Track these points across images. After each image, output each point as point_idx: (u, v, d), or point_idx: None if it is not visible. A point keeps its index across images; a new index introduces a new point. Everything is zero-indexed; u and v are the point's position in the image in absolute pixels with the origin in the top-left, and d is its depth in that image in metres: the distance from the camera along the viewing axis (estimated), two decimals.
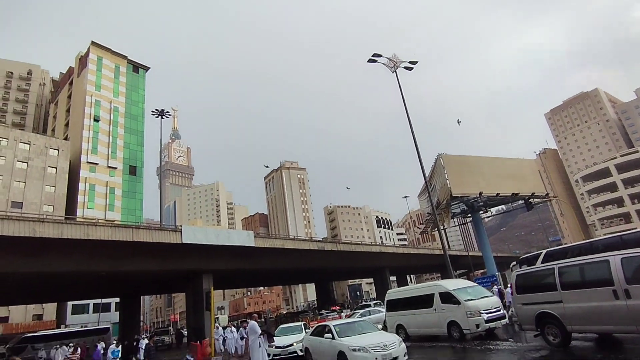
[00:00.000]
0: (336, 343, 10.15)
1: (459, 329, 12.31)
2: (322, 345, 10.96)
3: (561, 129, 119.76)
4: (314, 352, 11.62)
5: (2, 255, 19.81)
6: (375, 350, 9.26)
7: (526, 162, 49.80)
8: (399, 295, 16.00)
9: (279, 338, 15.22)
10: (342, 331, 10.61)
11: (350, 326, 11.21)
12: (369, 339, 9.98)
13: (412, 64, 23.28)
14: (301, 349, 14.39)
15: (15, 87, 72.57)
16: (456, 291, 12.97)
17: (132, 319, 38.68)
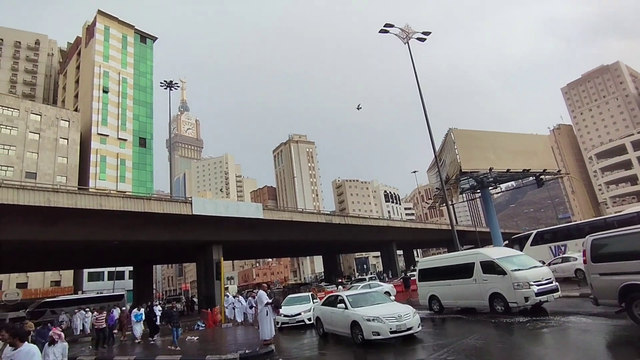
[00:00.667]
0: (349, 313, 10.04)
1: (504, 301, 11.30)
2: (334, 315, 10.86)
3: (577, 104, 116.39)
4: (325, 322, 11.53)
5: (19, 223, 20.39)
6: (390, 320, 9.18)
7: (539, 137, 48.81)
8: (433, 263, 15.12)
9: (287, 307, 15.48)
10: (355, 302, 10.52)
11: (363, 297, 11.10)
12: (382, 309, 9.90)
13: (425, 34, 22.52)
14: (309, 318, 14.58)
15: (23, 57, 72.27)
16: (501, 260, 11.93)
17: (145, 286, 40.05)
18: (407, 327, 9.22)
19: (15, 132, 47.71)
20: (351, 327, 9.79)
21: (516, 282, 11.07)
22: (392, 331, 9.08)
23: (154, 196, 30.95)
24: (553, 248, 23.92)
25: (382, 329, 9.07)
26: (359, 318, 9.55)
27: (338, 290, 28.85)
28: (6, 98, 50.02)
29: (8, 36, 71.51)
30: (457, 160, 41.02)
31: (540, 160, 44.91)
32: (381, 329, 9.07)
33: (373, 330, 9.09)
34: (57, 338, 6.51)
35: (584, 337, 8.02)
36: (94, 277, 52.42)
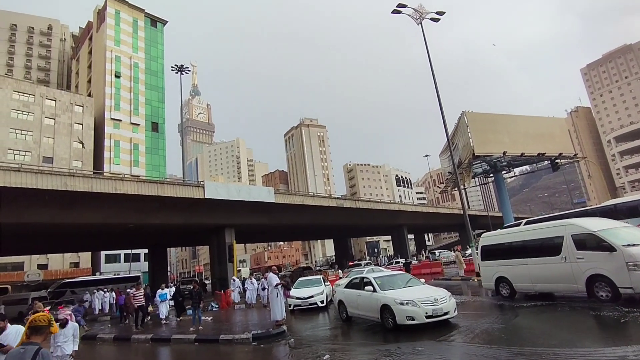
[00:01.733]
0: (379, 296, 9.31)
1: (610, 286, 8.79)
2: (360, 298, 10.16)
3: (597, 86, 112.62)
4: (350, 306, 10.82)
5: (38, 206, 20.96)
6: (425, 304, 8.51)
7: (555, 120, 47.71)
8: (502, 238, 12.57)
9: (298, 290, 15.54)
10: (383, 284, 9.77)
11: (392, 279, 10.37)
12: (416, 292, 9.19)
13: (439, 14, 21.91)
14: (322, 301, 14.85)
15: (37, 42, 72.88)
16: (605, 233, 9.29)
17: (160, 268, 41.04)
18: (443, 312, 8.59)
19: (32, 117, 48.58)
20: (381, 312, 9.13)
21: (632, 261, 8.40)
22: (427, 316, 8.42)
23: (167, 180, 31.38)
24: None
25: (417, 313, 8.41)
26: (390, 301, 8.84)
27: (338, 275, 28.88)
28: (22, 84, 50.77)
29: (22, 21, 72.06)
30: (470, 143, 40.47)
31: (556, 143, 44.00)
32: (416, 313, 8.42)
33: (407, 315, 8.45)
34: (68, 319, 6.51)
35: None
36: (111, 259, 53.93)
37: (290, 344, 9.17)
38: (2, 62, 68.60)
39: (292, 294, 14.86)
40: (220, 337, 10.75)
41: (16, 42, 70.80)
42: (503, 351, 6.18)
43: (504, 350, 6.24)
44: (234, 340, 10.35)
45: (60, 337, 6.26)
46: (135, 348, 11.97)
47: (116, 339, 13.46)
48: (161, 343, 11.94)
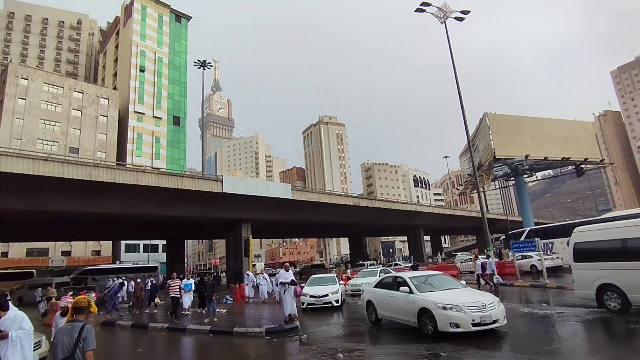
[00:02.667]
0: (416, 298, 8.43)
1: None
2: (393, 299, 9.29)
3: (628, 89, 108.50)
4: (380, 307, 9.94)
5: (63, 195, 21.73)
6: (472, 310, 7.60)
7: (581, 124, 46.27)
8: (609, 234, 9.65)
9: (312, 288, 15.15)
10: (420, 285, 8.94)
11: (429, 280, 9.49)
12: (459, 295, 8.30)
13: (463, 13, 21.52)
14: (337, 300, 14.29)
15: (67, 36, 75.28)
16: None
17: (177, 259, 41.91)
18: (492, 320, 7.69)
19: (60, 109, 50.26)
20: (418, 316, 8.26)
21: None
22: (475, 323, 7.53)
23: (187, 174, 31.99)
24: (543, 245, 23.83)
25: (463, 320, 7.53)
26: (430, 305, 7.98)
27: (346, 273, 28.36)
28: (52, 76, 52.57)
29: (53, 16, 74.56)
30: (491, 145, 39.74)
31: (581, 148, 42.75)
32: (462, 320, 7.53)
33: (451, 321, 7.57)
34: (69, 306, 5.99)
35: None
36: (131, 249, 55.39)
37: (303, 339, 9.22)
38: (33, 54, 71.20)
39: (305, 292, 14.49)
40: (234, 329, 10.92)
41: (47, 35, 73.34)
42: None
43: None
44: (247, 334, 10.50)
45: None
46: (152, 336, 12.29)
47: (134, 326, 13.86)
48: (177, 332, 12.22)
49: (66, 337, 3.62)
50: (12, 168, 18.61)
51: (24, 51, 70.62)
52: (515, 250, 19.54)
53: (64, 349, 3.58)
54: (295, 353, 8.38)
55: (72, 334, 3.62)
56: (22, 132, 46.50)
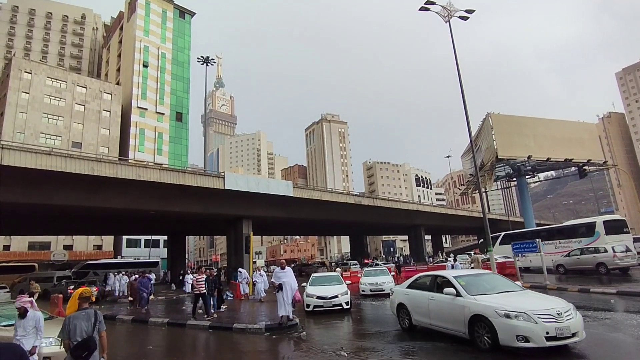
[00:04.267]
0: (467, 303, 6.95)
1: None
2: (434, 303, 7.84)
3: (632, 91, 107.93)
4: (416, 312, 8.46)
5: (65, 189, 21.78)
6: (545, 320, 6.01)
7: (585, 125, 46.12)
8: None
9: (317, 288, 13.64)
10: (470, 286, 7.42)
11: (480, 280, 7.96)
12: (525, 300, 6.82)
13: (468, 12, 21.40)
14: (347, 302, 12.88)
15: (70, 31, 75.31)
16: None
17: (178, 255, 42.03)
18: (570, 332, 6.06)
19: (63, 103, 50.38)
20: (469, 324, 6.81)
21: None
22: (549, 337, 5.90)
23: (189, 170, 31.98)
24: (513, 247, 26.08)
25: (534, 332, 5.89)
26: (487, 312, 6.47)
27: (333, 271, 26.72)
28: (55, 71, 52.66)
29: (57, 10, 74.59)
30: (494, 146, 39.66)
31: (584, 149, 42.61)
32: (532, 332, 5.90)
33: (518, 334, 5.98)
34: (28, 307, 5.36)
35: None
36: (132, 244, 55.57)
37: (302, 336, 9.24)
38: (37, 49, 71.29)
39: (310, 292, 13.25)
40: (234, 325, 10.95)
41: (51, 30, 73.40)
42: None
43: None
44: (246, 330, 10.53)
45: (19, 330, 5.26)
46: (152, 330, 12.33)
47: (134, 320, 13.92)
48: (176, 327, 12.27)
49: (84, 322, 4.37)
50: (15, 162, 18.66)
51: (27, 45, 70.71)
52: (516, 250, 19.52)
53: (83, 332, 4.31)
54: (293, 349, 8.40)
55: (89, 319, 4.42)
56: (25, 126, 46.63)
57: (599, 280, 17.55)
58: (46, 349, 6.21)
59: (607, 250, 19.64)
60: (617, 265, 19.06)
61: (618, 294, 12.82)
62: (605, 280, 17.13)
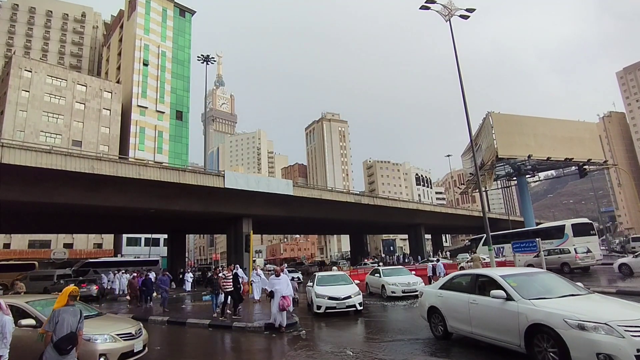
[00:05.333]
0: (523, 308, 5.59)
1: None
2: (477, 308, 6.51)
3: (633, 90, 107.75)
4: (453, 318, 7.20)
5: (66, 188, 21.79)
6: (635, 333, 4.59)
7: (585, 125, 46.04)
8: None
9: (327, 288, 12.72)
10: (523, 287, 6.02)
11: (534, 280, 6.57)
12: (601, 307, 5.47)
13: (468, 11, 21.36)
14: (360, 303, 12.09)
15: (70, 29, 75.22)
16: None
17: (178, 254, 42.04)
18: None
19: (63, 101, 50.34)
20: (526, 336, 5.47)
21: None
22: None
23: (189, 168, 32.01)
24: (495, 249, 28.19)
25: (622, 350, 4.52)
26: (552, 321, 5.17)
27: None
28: (55, 69, 52.61)
29: (57, 8, 74.47)
30: (494, 145, 39.62)
31: (585, 149, 42.55)
32: (619, 350, 4.52)
33: (600, 351, 4.62)
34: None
35: None
36: (132, 243, 55.57)
37: (302, 335, 9.25)
38: (37, 47, 71.21)
39: (320, 293, 12.35)
40: (234, 324, 10.97)
41: (51, 28, 73.31)
42: None
43: None
44: (246, 328, 10.54)
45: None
46: (151, 329, 12.35)
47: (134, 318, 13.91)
48: (176, 326, 12.28)
49: (71, 317, 4.67)
50: (15, 160, 18.66)
51: (27, 43, 70.63)
52: (516, 250, 19.56)
53: (69, 326, 4.59)
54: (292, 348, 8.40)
55: (76, 315, 4.74)
56: (25, 125, 46.60)
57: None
58: (102, 345, 6.16)
59: (570, 252, 21.69)
60: (578, 265, 21.03)
61: (618, 293, 12.82)
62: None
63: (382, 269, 16.71)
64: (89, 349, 5.90)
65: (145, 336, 7.20)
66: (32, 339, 5.82)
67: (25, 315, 6.28)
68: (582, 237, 25.63)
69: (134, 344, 6.64)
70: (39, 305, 6.70)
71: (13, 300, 6.80)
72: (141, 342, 6.91)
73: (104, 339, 6.20)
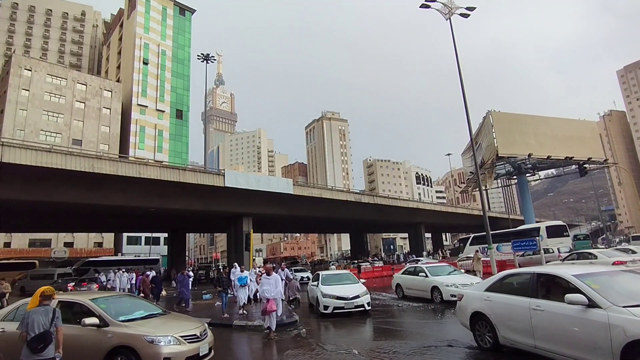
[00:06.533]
0: (617, 319, 4.28)
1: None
2: (544, 316, 5.21)
3: (634, 89, 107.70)
4: (506, 327, 5.91)
5: (66, 187, 21.80)
6: None
7: (586, 123, 46.09)
8: None
9: (333, 287, 12.27)
10: (607, 290, 4.70)
11: (619, 281, 5.13)
12: None
13: (469, 10, 21.33)
14: (368, 303, 11.68)
15: (70, 28, 75.14)
16: None
17: (178, 253, 42.12)
18: None
19: (63, 100, 50.31)
20: (622, 356, 4.16)
21: None
22: None
23: (189, 167, 32.03)
24: (480, 249, 30.50)
25: None
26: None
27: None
28: (55, 68, 52.57)
29: (56, 7, 74.38)
30: (494, 144, 39.65)
31: (585, 147, 42.58)
32: None
33: None
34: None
35: None
36: (133, 241, 55.63)
37: (302, 333, 9.25)
38: (37, 46, 71.16)
39: (327, 292, 11.90)
40: (234, 322, 10.98)
41: (51, 27, 73.24)
42: None
43: None
44: (246, 327, 10.55)
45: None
46: None
47: None
48: None
49: (42, 317, 4.72)
50: (15, 159, 18.66)
51: (27, 42, 70.56)
52: (516, 248, 19.60)
53: (40, 326, 4.66)
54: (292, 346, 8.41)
55: (47, 314, 4.77)
56: (26, 123, 46.59)
57: None
58: (166, 348, 5.64)
59: (554, 251, 23.43)
60: None
61: None
62: None
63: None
64: (152, 352, 5.57)
65: (211, 338, 6.64)
66: (95, 340, 5.74)
67: (89, 314, 6.00)
68: (555, 238, 27.84)
69: (199, 347, 6.06)
70: (102, 302, 6.41)
71: (77, 297, 6.62)
72: (207, 345, 6.33)
73: (167, 341, 5.70)
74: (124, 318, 6.18)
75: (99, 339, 5.75)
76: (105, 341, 5.73)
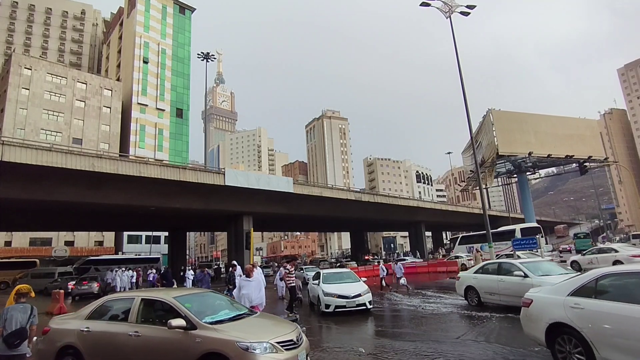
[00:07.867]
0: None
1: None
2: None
3: (634, 87, 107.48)
4: (606, 343, 4.30)
5: (66, 186, 21.81)
6: None
7: (586, 122, 46.02)
8: None
9: (335, 286, 12.12)
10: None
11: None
12: None
13: (469, 8, 21.29)
14: (370, 302, 11.58)
15: (70, 26, 75.06)
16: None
17: (179, 251, 42.13)
18: None
19: (63, 99, 50.28)
20: None
21: None
22: None
23: (189, 166, 32.01)
24: (467, 248, 33.14)
25: None
26: None
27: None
28: (55, 67, 52.52)
29: (56, 6, 74.26)
30: (495, 142, 39.63)
31: (586, 146, 42.55)
32: None
33: None
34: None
35: None
36: (133, 240, 55.68)
37: (303, 331, 9.25)
38: (37, 44, 71.09)
39: (329, 291, 11.78)
40: None
41: (51, 25, 73.14)
42: None
43: None
44: None
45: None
46: None
47: None
48: None
49: (20, 313, 4.90)
50: (16, 158, 18.67)
51: (27, 41, 70.50)
52: (516, 247, 19.66)
53: (17, 322, 4.84)
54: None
55: (25, 312, 4.96)
56: (26, 122, 46.58)
57: None
58: (262, 357, 4.69)
59: None
60: None
61: None
62: None
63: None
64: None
65: (307, 344, 5.64)
66: (182, 345, 4.92)
67: (174, 314, 5.19)
68: (529, 237, 29.36)
69: (297, 355, 5.08)
70: (187, 301, 5.55)
71: (161, 295, 5.79)
72: (304, 352, 5.30)
73: (263, 349, 4.76)
74: (210, 320, 5.30)
75: (186, 345, 4.91)
76: (193, 347, 4.86)
